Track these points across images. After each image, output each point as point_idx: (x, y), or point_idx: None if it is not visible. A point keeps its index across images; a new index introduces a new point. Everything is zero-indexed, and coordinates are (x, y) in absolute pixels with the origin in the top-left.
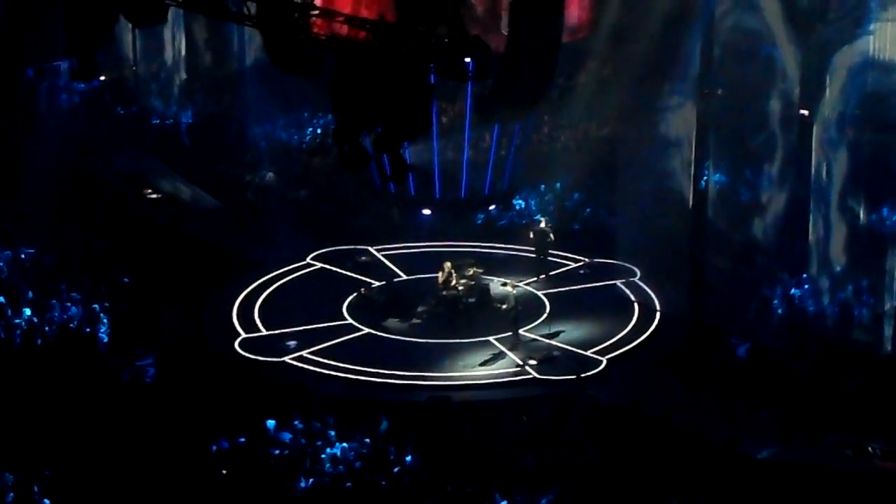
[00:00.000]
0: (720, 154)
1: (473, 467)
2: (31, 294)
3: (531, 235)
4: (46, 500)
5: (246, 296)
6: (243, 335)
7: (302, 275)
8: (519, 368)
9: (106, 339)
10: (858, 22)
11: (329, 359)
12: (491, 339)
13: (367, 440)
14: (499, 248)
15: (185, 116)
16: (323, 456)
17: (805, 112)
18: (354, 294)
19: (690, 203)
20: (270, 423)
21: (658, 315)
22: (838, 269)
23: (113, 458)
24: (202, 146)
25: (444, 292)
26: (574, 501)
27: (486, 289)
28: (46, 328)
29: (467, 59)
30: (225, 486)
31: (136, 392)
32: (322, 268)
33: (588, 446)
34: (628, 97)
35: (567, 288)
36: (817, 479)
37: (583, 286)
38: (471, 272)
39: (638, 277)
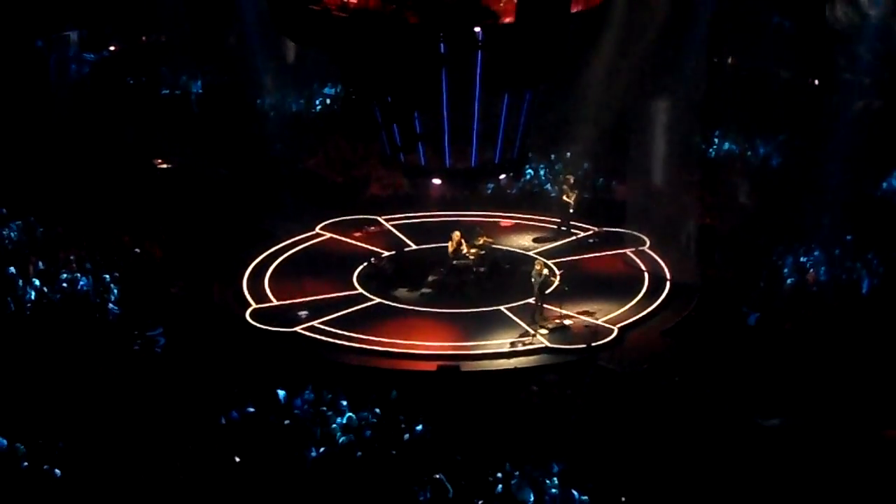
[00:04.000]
0: (730, 122)
1: (483, 436)
2: (41, 264)
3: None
4: (57, 471)
5: (256, 266)
6: (254, 305)
7: (311, 245)
8: (531, 337)
9: (116, 310)
10: None
11: (340, 328)
12: (502, 308)
13: (378, 409)
14: (508, 217)
15: (194, 86)
16: (333, 425)
17: (816, 81)
18: (364, 264)
19: (700, 172)
20: (281, 392)
21: (668, 284)
22: (848, 238)
23: (123, 428)
24: (212, 116)
25: (455, 262)
26: (585, 470)
27: (497, 258)
28: (57, 297)
29: (477, 28)
30: (236, 455)
31: (146, 362)
32: (331, 238)
33: (599, 415)
34: (640, 67)
35: (577, 257)
36: (824, 446)
37: (593, 255)
38: (481, 241)
39: (647, 246)
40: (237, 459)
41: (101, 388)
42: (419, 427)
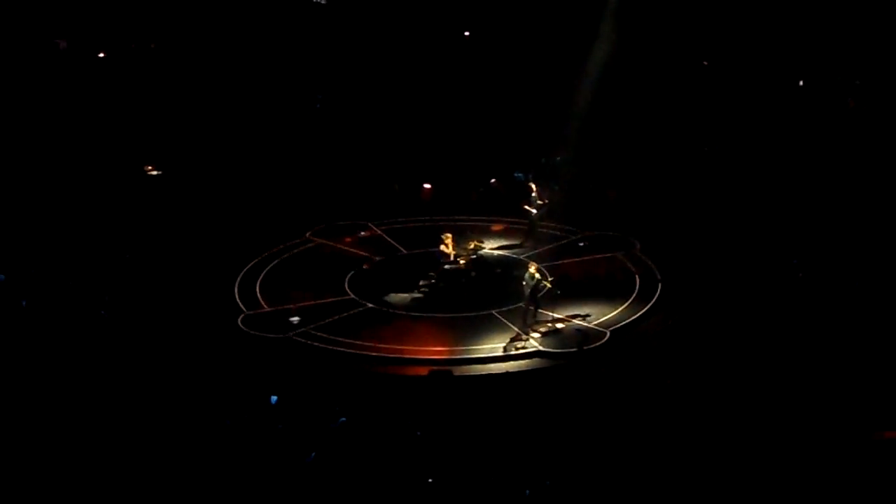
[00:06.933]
0: (718, 124)
1: (476, 441)
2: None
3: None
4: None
5: (247, 272)
6: (246, 312)
7: (302, 251)
8: (523, 341)
9: (106, 316)
10: None
11: (332, 334)
12: (493, 312)
13: (369, 414)
14: (498, 220)
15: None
16: (327, 429)
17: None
18: (355, 269)
19: (691, 176)
20: (274, 398)
21: (659, 286)
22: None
23: (115, 435)
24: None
25: (446, 266)
26: (579, 474)
27: (488, 261)
28: (45, 304)
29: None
30: (232, 461)
31: (138, 369)
32: (322, 243)
33: (594, 417)
34: (628, 69)
35: (568, 260)
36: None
37: (583, 258)
38: (472, 245)
39: (638, 249)
40: (228, 464)
41: (90, 393)
42: (411, 432)
